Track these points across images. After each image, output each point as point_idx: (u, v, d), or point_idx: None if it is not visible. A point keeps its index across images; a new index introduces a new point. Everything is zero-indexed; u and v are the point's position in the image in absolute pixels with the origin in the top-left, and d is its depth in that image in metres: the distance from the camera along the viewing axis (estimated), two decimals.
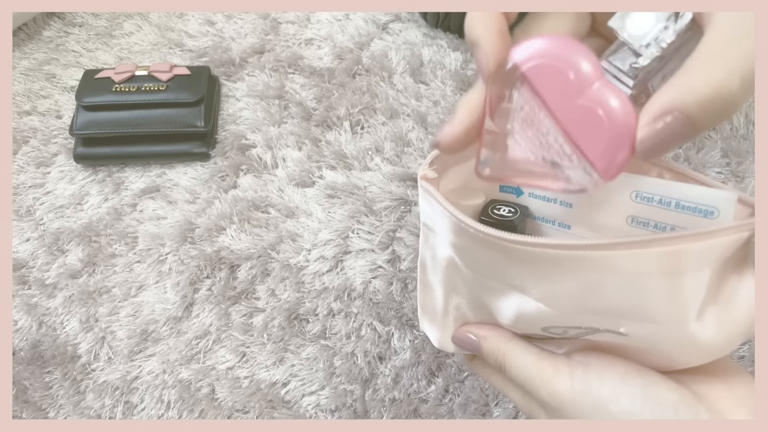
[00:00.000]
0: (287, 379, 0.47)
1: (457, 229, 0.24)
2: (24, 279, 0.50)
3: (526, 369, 0.25)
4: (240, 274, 0.49)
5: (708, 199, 0.22)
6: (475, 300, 0.28)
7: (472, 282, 0.26)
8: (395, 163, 0.54)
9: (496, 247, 0.22)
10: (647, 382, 0.22)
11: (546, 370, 0.25)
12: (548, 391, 0.24)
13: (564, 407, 0.24)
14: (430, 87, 0.58)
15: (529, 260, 0.22)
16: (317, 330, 0.48)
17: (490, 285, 0.25)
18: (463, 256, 0.25)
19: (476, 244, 0.23)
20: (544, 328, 0.25)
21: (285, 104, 0.57)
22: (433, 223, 0.26)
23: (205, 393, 0.47)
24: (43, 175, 0.54)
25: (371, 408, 0.46)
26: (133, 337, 0.48)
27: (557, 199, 0.27)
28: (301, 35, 0.61)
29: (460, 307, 0.28)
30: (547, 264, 0.22)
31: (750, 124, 0.54)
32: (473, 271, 0.26)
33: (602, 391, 0.23)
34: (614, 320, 0.22)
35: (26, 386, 0.47)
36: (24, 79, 0.59)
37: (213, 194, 0.53)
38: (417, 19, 0.62)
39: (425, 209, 0.26)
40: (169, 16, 0.63)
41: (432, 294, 0.29)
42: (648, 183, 0.24)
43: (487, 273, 0.25)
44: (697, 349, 0.22)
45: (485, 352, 0.28)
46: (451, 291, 0.28)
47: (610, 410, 0.22)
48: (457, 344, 0.29)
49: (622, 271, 0.20)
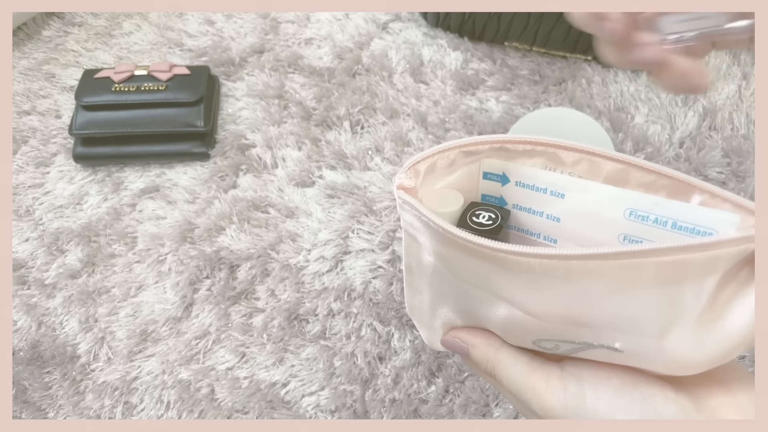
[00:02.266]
0: (287, 380, 0.47)
1: (443, 240, 0.23)
2: (23, 279, 0.50)
3: (516, 381, 0.25)
4: (240, 274, 0.49)
5: (707, 220, 0.21)
6: (462, 307, 0.27)
7: (459, 291, 0.26)
8: (395, 162, 0.53)
9: (486, 257, 0.22)
10: (644, 395, 0.22)
11: (538, 383, 0.24)
12: (540, 406, 0.23)
13: (559, 419, 0.23)
14: (430, 86, 0.58)
15: (520, 270, 0.21)
16: (317, 330, 0.48)
17: (477, 294, 0.25)
18: (450, 265, 0.24)
19: (463, 254, 0.23)
20: (535, 342, 0.24)
21: (285, 104, 0.57)
22: (416, 231, 0.25)
23: (204, 393, 0.46)
24: (43, 175, 0.54)
25: (371, 408, 0.46)
26: (132, 338, 0.48)
27: (544, 212, 0.26)
28: (300, 35, 0.61)
29: (447, 313, 0.28)
30: (540, 275, 0.21)
31: (751, 124, 0.54)
32: (461, 280, 0.25)
33: (597, 407, 0.22)
34: (609, 334, 0.22)
35: (26, 386, 0.47)
36: (23, 78, 0.59)
37: (213, 194, 0.53)
38: (417, 18, 0.62)
39: (406, 218, 0.25)
40: (168, 16, 0.63)
41: (419, 296, 0.28)
42: (643, 201, 0.23)
43: (474, 282, 0.24)
44: (677, 364, 0.21)
45: (474, 360, 0.27)
46: (437, 297, 0.27)
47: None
48: (447, 347, 0.29)
49: (617, 282, 0.20)
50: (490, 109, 0.56)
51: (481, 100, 0.57)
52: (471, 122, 0.55)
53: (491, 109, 0.56)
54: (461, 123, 0.55)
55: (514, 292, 0.23)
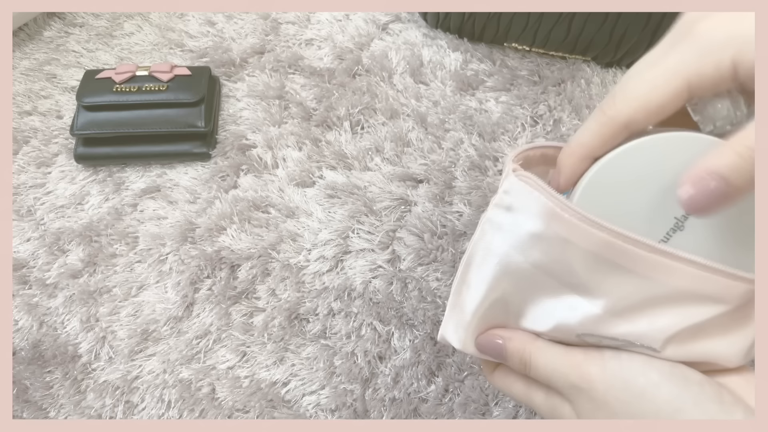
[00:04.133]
0: (287, 379, 0.47)
1: (552, 215, 0.24)
2: (25, 279, 0.50)
3: (554, 361, 0.26)
4: (240, 273, 0.50)
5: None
6: (516, 299, 0.28)
7: (525, 278, 0.26)
8: (395, 163, 0.54)
9: (602, 243, 0.23)
10: (673, 363, 0.24)
11: (576, 356, 0.26)
12: (579, 374, 0.25)
13: (595, 386, 0.24)
14: (430, 87, 0.58)
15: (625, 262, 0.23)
16: (317, 330, 0.48)
17: (545, 282, 0.26)
18: (535, 248, 0.25)
19: (566, 237, 0.24)
20: (580, 335, 0.26)
21: (285, 104, 0.57)
22: (519, 205, 0.26)
23: (205, 392, 0.47)
24: (44, 175, 0.54)
25: (371, 407, 0.46)
26: (133, 337, 0.48)
27: None
28: (301, 35, 0.61)
29: (493, 307, 0.29)
30: (657, 277, 0.23)
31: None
32: (534, 266, 0.26)
33: (633, 366, 0.24)
34: (658, 337, 0.24)
35: (27, 386, 0.47)
36: (25, 79, 0.59)
37: (213, 194, 0.53)
38: (417, 19, 0.62)
39: (512, 193, 0.26)
40: (169, 17, 0.63)
41: (468, 292, 0.29)
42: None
43: (550, 269, 0.25)
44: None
45: (509, 352, 0.28)
46: (491, 290, 0.28)
47: (638, 383, 0.24)
48: (481, 349, 0.30)
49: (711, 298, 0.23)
50: (489, 110, 0.56)
51: (481, 100, 0.57)
52: (471, 123, 0.55)
53: (491, 109, 0.56)
54: (461, 123, 0.55)
55: (600, 282, 0.24)
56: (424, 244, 0.50)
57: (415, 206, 0.52)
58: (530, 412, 0.45)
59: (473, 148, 0.54)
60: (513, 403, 0.45)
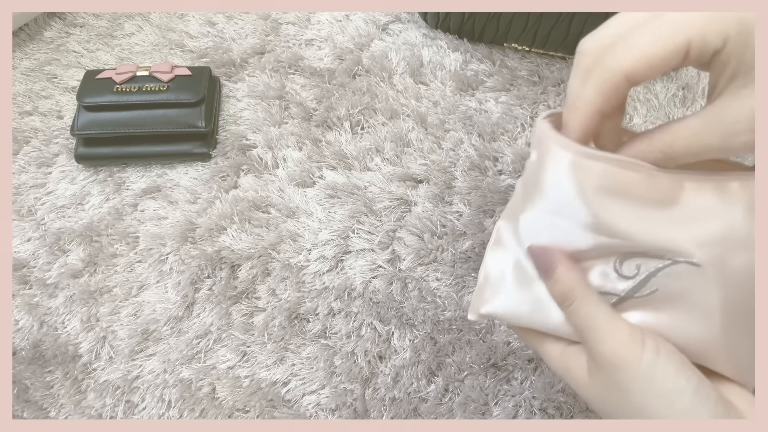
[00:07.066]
0: (288, 379, 0.47)
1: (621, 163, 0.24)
2: (25, 279, 0.50)
3: (597, 318, 0.25)
4: (241, 273, 0.50)
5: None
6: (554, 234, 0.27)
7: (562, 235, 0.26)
8: (395, 163, 0.54)
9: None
10: (702, 378, 0.25)
11: (619, 331, 0.25)
12: (615, 348, 0.24)
13: (625, 370, 0.24)
14: (429, 87, 0.58)
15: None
16: (317, 329, 0.48)
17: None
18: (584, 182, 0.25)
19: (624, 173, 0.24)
20: (621, 257, 0.26)
21: (285, 105, 0.57)
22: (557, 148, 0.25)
23: (205, 392, 0.47)
24: (45, 175, 0.54)
25: (371, 407, 0.46)
26: (134, 337, 0.48)
27: None
28: (301, 36, 0.61)
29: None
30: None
31: None
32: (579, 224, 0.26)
33: (668, 366, 0.24)
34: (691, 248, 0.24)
35: (27, 386, 0.47)
36: (25, 79, 0.59)
37: (214, 194, 0.53)
38: (417, 19, 0.62)
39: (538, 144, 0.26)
40: (170, 17, 0.63)
41: (503, 250, 0.29)
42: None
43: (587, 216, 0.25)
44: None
45: (558, 276, 0.26)
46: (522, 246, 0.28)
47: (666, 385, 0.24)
48: (534, 256, 0.28)
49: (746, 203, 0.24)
50: (489, 110, 0.56)
51: (481, 100, 0.57)
52: (470, 123, 0.56)
53: (490, 109, 0.56)
54: (461, 123, 0.56)
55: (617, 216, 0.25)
56: (424, 244, 0.50)
57: (415, 206, 0.52)
58: (530, 412, 0.45)
59: (473, 148, 0.54)
60: (513, 402, 0.46)
